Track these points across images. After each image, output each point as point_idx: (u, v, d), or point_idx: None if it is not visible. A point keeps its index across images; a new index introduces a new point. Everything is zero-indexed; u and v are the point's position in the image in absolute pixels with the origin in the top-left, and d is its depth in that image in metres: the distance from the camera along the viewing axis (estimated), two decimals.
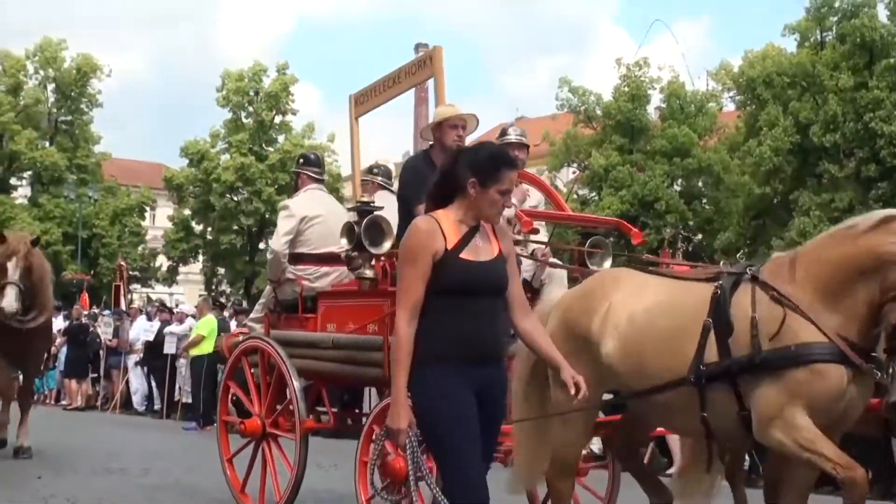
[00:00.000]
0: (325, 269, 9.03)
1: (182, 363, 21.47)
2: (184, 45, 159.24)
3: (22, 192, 52.88)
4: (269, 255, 9.36)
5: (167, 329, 22.50)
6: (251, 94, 50.90)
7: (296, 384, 8.31)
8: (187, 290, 55.53)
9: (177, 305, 25.81)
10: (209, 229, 52.20)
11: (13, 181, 52.05)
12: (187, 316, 22.53)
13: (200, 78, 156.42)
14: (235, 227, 50.86)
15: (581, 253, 8.68)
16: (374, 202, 8.29)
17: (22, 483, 10.61)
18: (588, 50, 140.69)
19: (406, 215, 7.68)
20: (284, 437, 8.73)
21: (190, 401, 21.34)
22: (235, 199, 50.68)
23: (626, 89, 41.89)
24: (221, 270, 53.53)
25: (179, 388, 21.97)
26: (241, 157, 49.65)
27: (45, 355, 14.54)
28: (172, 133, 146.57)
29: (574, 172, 47.21)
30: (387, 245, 7.80)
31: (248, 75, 50.90)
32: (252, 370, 9.06)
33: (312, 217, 9.12)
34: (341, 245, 8.56)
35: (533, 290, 8.37)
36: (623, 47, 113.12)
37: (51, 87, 51.72)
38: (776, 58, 37.78)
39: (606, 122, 42.46)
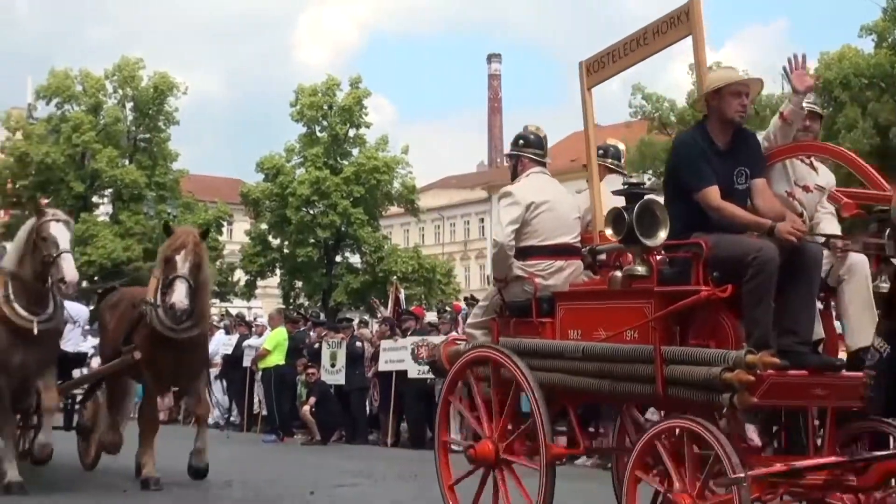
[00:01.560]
0: (558, 262, 7.72)
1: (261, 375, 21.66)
2: (258, 62, 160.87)
3: (103, 209, 53.69)
4: (492, 250, 7.84)
5: (246, 342, 22.68)
6: (325, 108, 51.30)
7: (540, 403, 7.06)
8: (265, 304, 55.86)
9: (255, 319, 26.01)
10: (286, 243, 52.63)
11: (95, 199, 52.85)
12: (266, 328, 22.72)
13: (275, 93, 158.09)
14: (312, 241, 51.21)
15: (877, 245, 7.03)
16: (644, 184, 7.00)
17: (107, 497, 10.70)
18: (661, 55, 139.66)
19: (682, 202, 6.79)
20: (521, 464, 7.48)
21: (266, 413, 21.52)
22: (311, 212, 51.06)
23: None
24: (299, 284, 53.89)
25: (260, 400, 22.14)
26: (317, 171, 50.06)
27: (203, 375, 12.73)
28: (248, 148, 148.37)
29: (650, 179, 46.95)
30: (662, 235, 6.52)
31: (321, 90, 51.32)
32: (475, 384, 7.79)
33: (540, 203, 7.76)
34: (574, 235, 7.78)
35: (829, 289, 7.17)
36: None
37: (129, 105, 52.46)
38: (853, 59, 37.31)
39: (680, 127, 42.21)
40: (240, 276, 54.71)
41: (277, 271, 54.49)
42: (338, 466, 14.40)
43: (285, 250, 52.83)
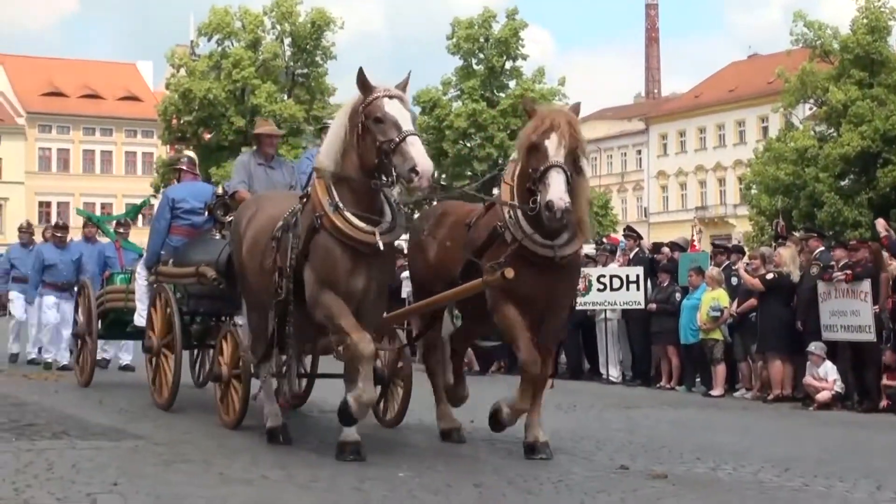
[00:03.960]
0: None
1: None
2: None
3: None
4: None
5: (404, 274, 22.90)
6: (481, 40, 51.27)
7: None
8: None
9: None
10: (443, 175, 52.97)
11: None
12: None
13: (431, 27, 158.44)
14: (469, 173, 51.44)
15: None
16: None
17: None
18: None
19: None
20: None
21: None
22: (468, 145, 51.23)
23: (865, 21, 40.46)
24: None
25: (411, 330, 22.35)
26: (473, 104, 50.19)
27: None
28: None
29: (811, 109, 45.86)
30: None
31: (477, 22, 51.26)
32: None
33: None
34: None
35: None
36: None
37: (287, 41, 53.21)
38: None
39: (844, 56, 41.07)
40: None
41: (434, 203, 54.89)
42: (497, 396, 14.38)
43: (442, 182, 53.23)
